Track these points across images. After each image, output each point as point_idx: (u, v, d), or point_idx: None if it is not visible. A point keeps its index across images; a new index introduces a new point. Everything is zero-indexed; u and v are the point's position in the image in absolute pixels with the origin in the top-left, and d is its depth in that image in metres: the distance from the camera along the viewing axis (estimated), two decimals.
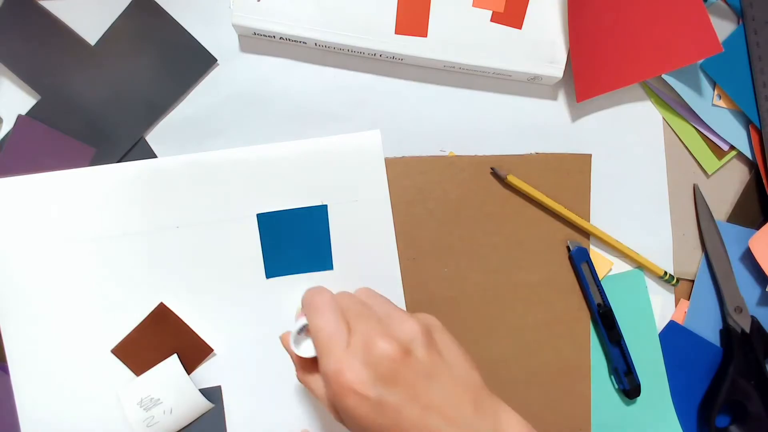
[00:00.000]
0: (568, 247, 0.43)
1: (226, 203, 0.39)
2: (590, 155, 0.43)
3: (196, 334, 0.39)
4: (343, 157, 0.40)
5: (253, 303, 0.39)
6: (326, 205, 0.39)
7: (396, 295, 0.40)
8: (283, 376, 0.40)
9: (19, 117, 0.38)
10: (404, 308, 0.41)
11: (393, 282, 0.40)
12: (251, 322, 0.39)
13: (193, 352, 0.39)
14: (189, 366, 0.39)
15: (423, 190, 0.41)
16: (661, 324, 0.44)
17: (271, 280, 0.39)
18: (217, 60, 0.40)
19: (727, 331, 0.44)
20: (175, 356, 0.38)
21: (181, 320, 0.39)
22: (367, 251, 0.40)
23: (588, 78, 0.41)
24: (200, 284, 0.39)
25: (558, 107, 0.44)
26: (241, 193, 0.39)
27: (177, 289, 0.38)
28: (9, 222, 0.37)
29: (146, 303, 0.38)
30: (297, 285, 0.40)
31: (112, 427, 0.38)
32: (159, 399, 0.37)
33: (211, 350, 0.39)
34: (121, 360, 0.38)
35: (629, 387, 0.42)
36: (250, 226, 0.39)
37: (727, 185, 0.46)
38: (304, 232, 0.39)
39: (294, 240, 0.39)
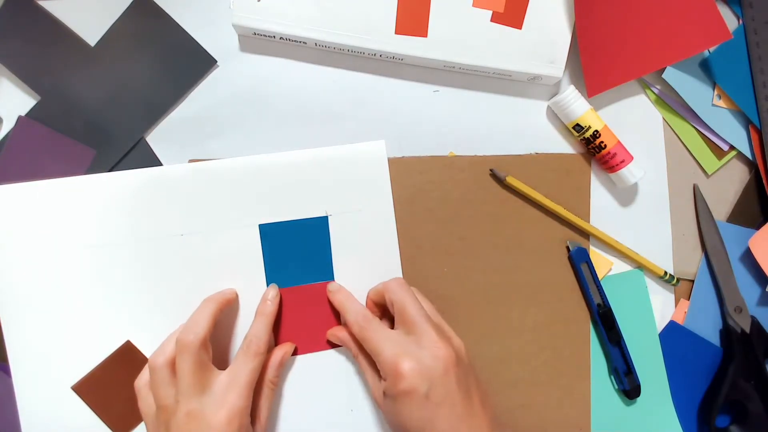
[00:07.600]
0: (567, 248, 0.43)
1: (229, 212, 0.38)
2: (590, 155, 0.43)
3: None
4: (347, 167, 0.40)
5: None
6: (327, 217, 0.39)
7: None
8: None
9: (20, 118, 0.38)
10: None
11: None
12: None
13: None
14: None
15: (423, 190, 0.41)
16: (661, 324, 0.44)
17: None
18: (216, 61, 0.40)
19: (727, 331, 0.44)
20: None
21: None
22: (370, 260, 0.40)
23: (598, 72, 0.41)
24: (199, 293, 0.38)
25: None
26: (244, 203, 0.38)
27: (174, 298, 0.38)
28: (12, 227, 0.37)
29: (143, 308, 0.38)
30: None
31: None
32: None
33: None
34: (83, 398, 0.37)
35: (629, 387, 0.42)
36: (251, 236, 0.39)
37: (727, 185, 0.46)
38: (305, 242, 0.39)
39: (295, 251, 0.39)
